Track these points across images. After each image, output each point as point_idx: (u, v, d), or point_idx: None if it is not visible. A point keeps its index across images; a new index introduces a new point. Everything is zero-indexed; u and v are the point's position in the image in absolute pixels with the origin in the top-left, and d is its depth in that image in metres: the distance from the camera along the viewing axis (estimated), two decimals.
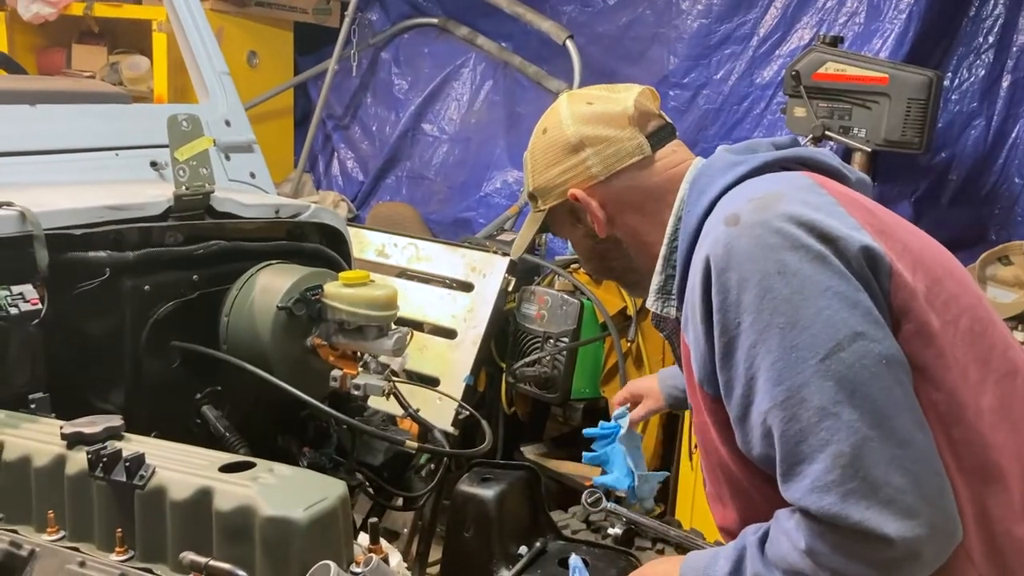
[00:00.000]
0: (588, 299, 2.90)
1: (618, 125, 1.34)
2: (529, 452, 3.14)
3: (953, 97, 3.05)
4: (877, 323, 1.06)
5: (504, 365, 3.00)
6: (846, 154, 2.81)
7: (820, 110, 2.73)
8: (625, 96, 1.36)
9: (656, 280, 1.33)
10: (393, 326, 1.66)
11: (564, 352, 2.86)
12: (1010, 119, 2.99)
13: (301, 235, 1.90)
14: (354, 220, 4.19)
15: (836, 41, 2.80)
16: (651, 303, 1.34)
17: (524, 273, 3.05)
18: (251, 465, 1.08)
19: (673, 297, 1.31)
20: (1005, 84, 3.00)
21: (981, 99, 3.02)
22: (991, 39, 3.01)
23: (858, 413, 1.02)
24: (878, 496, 1.01)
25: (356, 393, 1.61)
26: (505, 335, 3.01)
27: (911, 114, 2.62)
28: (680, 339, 1.27)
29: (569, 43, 3.57)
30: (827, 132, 2.68)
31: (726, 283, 1.09)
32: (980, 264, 2.59)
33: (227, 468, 1.07)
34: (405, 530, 2.90)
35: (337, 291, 1.62)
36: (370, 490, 1.92)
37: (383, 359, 1.66)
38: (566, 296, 2.92)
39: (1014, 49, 2.99)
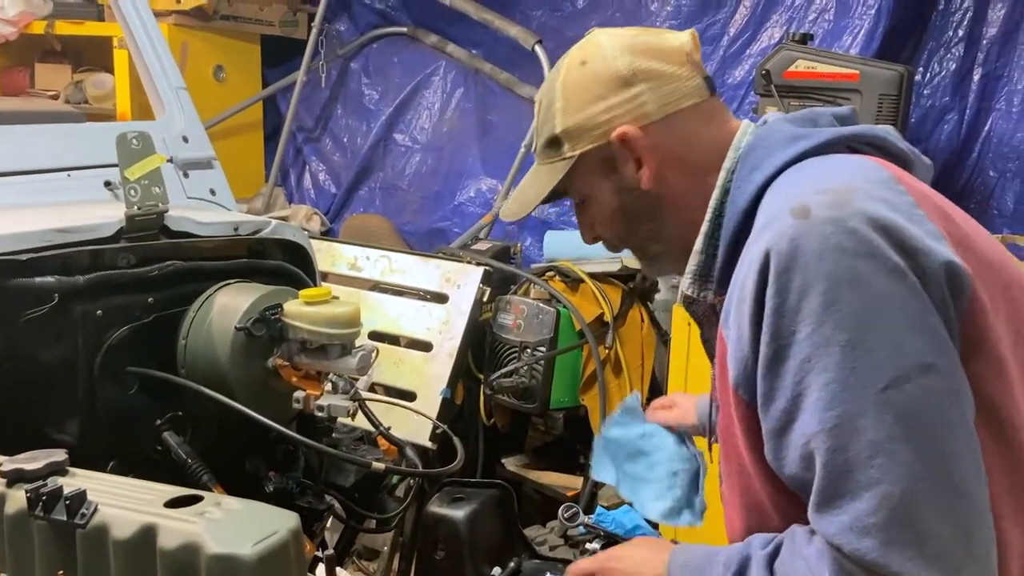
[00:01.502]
0: (564, 307, 2.87)
1: (676, 61, 1.16)
2: (510, 464, 3.10)
3: (925, 92, 3.04)
4: (949, 354, 0.95)
5: (482, 376, 2.96)
6: None
7: (792, 108, 2.70)
8: (675, 35, 1.20)
9: (694, 260, 1.17)
10: (358, 343, 1.61)
11: (541, 361, 2.81)
12: (982, 112, 2.99)
13: (262, 252, 1.85)
14: (328, 233, 4.15)
15: (806, 39, 2.77)
16: (687, 286, 1.18)
17: (499, 282, 3.01)
18: (198, 499, 1.02)
19: (711, 281, 1.17)
20: (976, 77, 3.00)
21: (953, 93, 3.01)
22: (960, 32, 3.00)
23: (915, 454, 0.92)
24: (924, 548, 0.91)
25: (320, 415, 1.56)
26: (482, 346, 2.97)
27: (883, 110, 2.59)
28: (713, 326, 1.15)
29: (538, 48, 3.54)
30: None
31: (786, 285, 0.96)
32: None
33: (173, 503, 1.02)
34: (385, 548, 2.85)
35: (297, 310, 1.56)
36: (342, 512, 1.87)
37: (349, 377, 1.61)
38: (542, 304, 2.88)
39: (984, 42, 2.98)
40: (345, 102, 4.33)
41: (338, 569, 1.31)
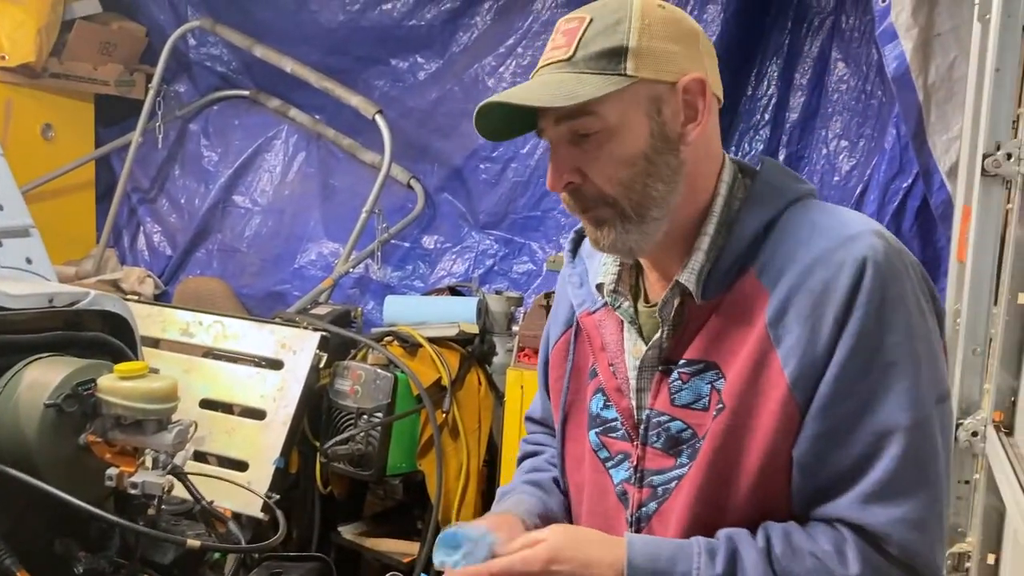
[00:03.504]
0: (402, 372, 2.89)
1: (711, 57, 1.16)
2: (347, 531, 3.07)
3: None
4: None
5: (318, 444, 2.94)
6: None
7: None
8: None
9: (698, 259, 1.13)
10: (175, 417, 1.60)
11: (378, 427, 2.82)
12: None
13: (80, 323, 1.81)
14: (162, 296, 4.03)
15: None
16: (693, 283, 1.13)
17: (339, 347, 3.01)
18: None
19: (710, 282, 1.13)
20: (781, 157, 3.27)
21: None
22: (767, 116, 3.29)
23: (945, 464, 1.06)
24: (942, 546, 1.07)
25: (134, 492, 1.53)
26: (319, 412, 2.95)
27: None
28: (682, 332, 1.14)
29: (378, 118, 3.61)
30: None
31: (882, 293, 1.04)
32: None
33: None
34: None
35: (112, 385, 1.54)
36: None
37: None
38: (379, 370, 2.89)
39: (787, 126, 3.27)
40: (183, 163, 4.26)
41: None
